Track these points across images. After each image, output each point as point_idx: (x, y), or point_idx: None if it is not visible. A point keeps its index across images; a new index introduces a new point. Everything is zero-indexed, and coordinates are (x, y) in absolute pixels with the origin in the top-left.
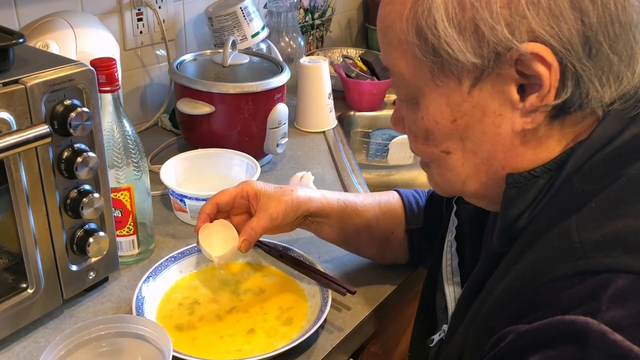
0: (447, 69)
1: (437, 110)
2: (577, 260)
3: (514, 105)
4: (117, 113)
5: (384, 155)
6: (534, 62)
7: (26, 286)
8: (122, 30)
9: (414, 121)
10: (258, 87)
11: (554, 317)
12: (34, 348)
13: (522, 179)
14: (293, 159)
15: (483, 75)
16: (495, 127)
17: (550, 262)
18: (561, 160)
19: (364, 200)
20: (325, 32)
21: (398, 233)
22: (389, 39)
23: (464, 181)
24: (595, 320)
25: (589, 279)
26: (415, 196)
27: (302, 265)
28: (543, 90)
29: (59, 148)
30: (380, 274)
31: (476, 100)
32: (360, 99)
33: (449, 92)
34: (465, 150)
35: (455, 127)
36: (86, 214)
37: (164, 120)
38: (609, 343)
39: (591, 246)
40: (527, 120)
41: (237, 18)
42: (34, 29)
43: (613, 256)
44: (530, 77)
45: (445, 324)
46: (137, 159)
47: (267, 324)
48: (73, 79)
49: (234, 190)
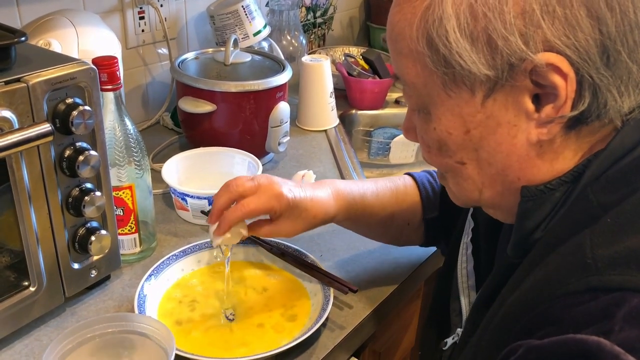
0: (460, 80)
1: (450, 121)
2: (590, 276)
3: (529, 116)
4: (118, 111)
5: (386, 154)
6: (550, 73)
7: (28, 284)
8: (124, 28)
9: (426, 131)
10: (260, 86)
11: (565, 335)
12: (36, 346)
13: (537, 192)
14: (295, 157)
15: (497, 87)
16: (510, 138)
17: (563, 277)
18: (577, 172)
19: (382, 197)
20: (327, 30)
21: (415, 221)
22: (399, 48)
23: (481, 190)
24: (608, 341)
25: (602, 296)
26: (430, 180)
27: (304, 264)
28: (559, 101)
29: (60, 146)
30: (382, 272)
31: (490, 111)
32: (362, 97)
33: (461, 103)
34: (479, 161)
35: (469, 137)
36: (88, 213)
37: (165, 119)
38: None
39: (604, 263)
40: (543, 131)
41: (238, 16)
42: (35, 28)
43: (627, 274)
44: (546, 87)
45: (459, 327)
46: (138, 157)
47: (272, 319)
48: (75, 78)
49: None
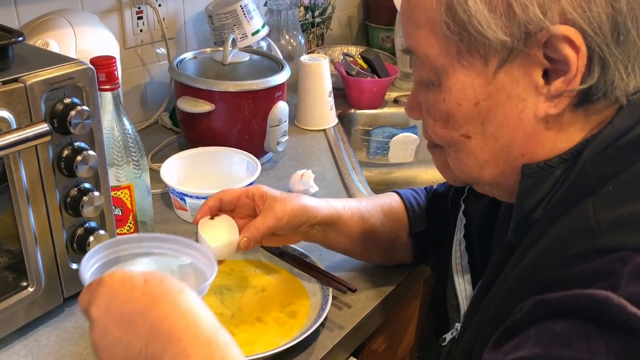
0: (474, 48)
1: (461, 91)
2: (594, 238)
3: (539, 90)
4: (117, 111)
5: (385, 153)
6: (563, 45)
7: (27, 285)
8: (122, 28)
9: (434, 104)
10: (258, 85)
11: (572, 290)
12: (34, 346)
13: (538, 169)
14: (293, 157)
15: (510, 57)
16: (518, 112)
17: (567, 242)
18: (577, 150)
19: (367, 205)
20: (325, 30)
21: (402, 236)
22: (415, 19)
23: (482, 167)
24: (615, 295)
25: (606, 256)
26: (415, 197)
27: (303, 264)
28: (569, 75)
29: (59, 146)
30: (381, 272)
31: (501, 83)
32: (360, 96)
33: (474, 73)
34: (485, 135)
35: (478, 110)
36: (86, 212)
37: (164, 119)
38: (629, 316)
39: (608, 225)
40: (551, 105)
41: (237, 16)
42: (33, 28)
43: (630, 235)
44: (557, 62)
45: (457, 322)
46: (137, 157)
47: (272, 318)
48: (73, 77)
49: (239, 190)
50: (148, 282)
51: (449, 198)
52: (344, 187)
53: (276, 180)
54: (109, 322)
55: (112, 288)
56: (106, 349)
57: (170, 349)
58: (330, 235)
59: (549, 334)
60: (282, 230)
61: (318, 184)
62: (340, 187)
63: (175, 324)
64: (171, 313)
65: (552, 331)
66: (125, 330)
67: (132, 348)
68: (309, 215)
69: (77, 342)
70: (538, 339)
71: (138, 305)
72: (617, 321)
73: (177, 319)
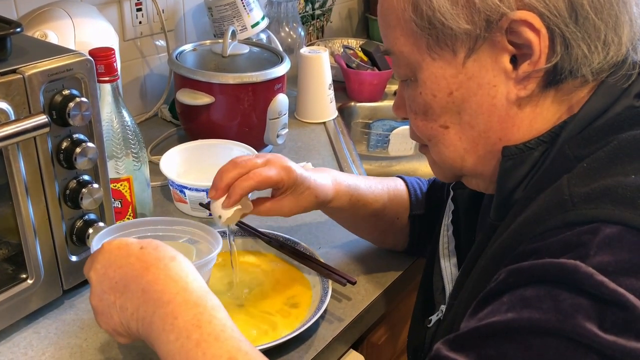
0: (442, 40)
1: (434, 83)
2: (567, 212)
3: (508, 75)
4: (116, 103)
5: (385, 146)
6: (524, 29)
7: (26, 277)
8: (121, 20)
9: (413, 98)
10: (258, 78)
11: (544, 259)
12: (34, 338)
13: (517, 151)
14: (293, 149)
15: (476, 45)
16: (490, 98)
17: (542, 216)
18: (555, 132)
19: (374, 190)
20: (325, 22)
21: (402, 218)
22: (388, 20)
23: (463, 156)
24: (584, 264)
25: (577, 228)
26: (419, 182)
27: (302, 256)
28: (534, 57)
29: (57, 138)
30: (381, 264)
31: (471, 72)
32: (360, 89)
33: (444, 64)
34: (462, 124)
35: (452, 99)
36: (85, 205)
37: (163, 111)
38: (597, 283)
39: (580, 198)
40: (521, 87)
41: (236, 8)
42: (32, 19)
43: (601, 207)
44: (522, 47)
45: (442, 304)
46: (136, 149)
47: (275, 309)
48: (71, 69)
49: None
50: (143, 249)
51: (445, 188)
52: None
53: None
54: (105, 286)
55: (110, 254)
56: (104, 313)
57: (160, 311)
58: (334, 212)
59: (521, 300)
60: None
61: None
62: None
63: (165, 288)
64: (162, 277)
65: (523, 296)
66: (120, 294)
67: (125, 310)
68: (318, 204)
69: (77, 334)
70: (510, 305)
71: (132, 270)
72: (585, 288)
73: (168, 283)
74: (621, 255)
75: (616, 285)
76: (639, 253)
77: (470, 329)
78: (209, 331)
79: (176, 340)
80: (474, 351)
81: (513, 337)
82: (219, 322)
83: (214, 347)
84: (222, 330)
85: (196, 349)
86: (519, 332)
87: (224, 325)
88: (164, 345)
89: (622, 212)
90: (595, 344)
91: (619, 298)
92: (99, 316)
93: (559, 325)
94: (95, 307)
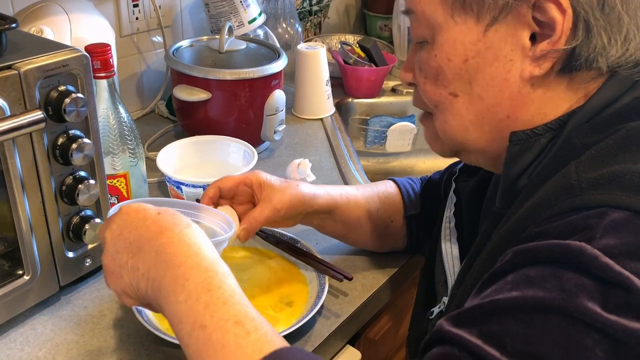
0: (469, 4)
1: (452, 47)
2: (575, 197)
3: (525, 52)
4: (112, 99)
5: (382, 143)
6: (550, 6)
7: (22, 273)
8: (118, 16)
9: (426, 60)
10: (255, 74)
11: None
12: (30, 335)
13: (524, 136)
14: (290, 146)
15: (501, 15)
16: (504, 72)
17: (549, 201)
18: (563, 120)
19: (364, 192)
20: (323, 18)
21: (397, 220)
22: None
23: (467, 128)
24: (589, 246)
25: (584, 212)
26: (411, 183)
27: (299, 252)
28: (555, 37)
29: (53, 134)
30: (378, 260)
31: (490, 42)
32: (358, 85)
33: (466, 29)
34: (472, 94)
35: (466, 67)
36: (82, 201)
37: (160, 107)
38: (601, 265)
39: (588, 184)
40: (535, 65)
41: (233, 4)
42: (27, 15)
43: (609, 193)
44: (544, 26)
45: (445, 296)
46: (133, 145)
47: (270, 305)
48: (67, 65)
49: (238, 177)
50: (160, 214)
51: (442, 184)
52: (341, 176)
53: (273, 170)
54: (119, 246)
55: (128, 215)
56: (114, 272)
57: (171, 272)
58: (326, 222)
59: (525, 279)
60: (280, 220)
61: (315, 173)
62: (337, 176)
63: (178, 251)
64: (176, 241)
65: (527, 276)
66: (132, 255)
67: (136, 271)
68: (306, 205)
69: (74, 331)
70: (515, 284)
71: (148, 232)
72: (590, 269)
73: (181, 247)
74: (627, 238)
75: (621, 268)
76: None
77: (473, 305)
78: (218, 295)
79: (185, 301)
80: (477, 327)
81: (516, 314)
82: (228, 288)
83: (222, 311)
84: (231, 295)
85: (204, 310)
86: (522, 309)
87: (233, 292)
88: (173, 305)
89: (629, 197)
90: (598, 322)
91: (623, 280)
92: (109, 275)
93: (562, 303)
94: (107, 266)
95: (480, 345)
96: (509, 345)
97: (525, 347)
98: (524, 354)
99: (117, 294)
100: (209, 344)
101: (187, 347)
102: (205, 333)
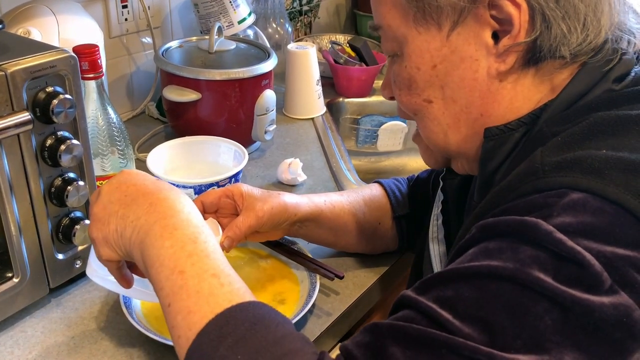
0: (429, 13)
1: (419, 56)
2: (538, 179)
3: (489, 50)
4: (101, 100)
5: (374, 142)
6: (505, 3)
7: (12, 275)
8: (107, 17)
9: (398, 72)
10: (245, 74)
11: (509, 217)
12: (20, 337)
13: (498, 132)
14: (281, 146)
15: (460, 18)
16: (472, 72)
17: (515, 185)
18: (535, 115)
19: (348, 197)
20: (313, 18)
21: (385, 222)
22: None
23: (446, 132)
24: (545, 222)
25: (546, 192)
26: (397, 184)
27: (290, 251)
28: (514, 31)
29: (41, 136)
30: (369, 258)
31: (454, 45)
32: (349, 85)
33: (429, 38)
34: (445, 98)
35: (436, 73)
36: (71, 202)
37: (150, 109)
38: (555, 240)
39: (551, 167)
40: (500, 61)
41: (223, 4)
42: (15, 16)
43: (570, 176)
44: (503, 22)
45: None
46: (122, 146)
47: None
48: (55, 66)
49: (219, 190)
50: (160, 181)
51: (430, 183)
52: (332, 175)
53: (264, 169)
54: (114, 197)
55: (129, 174)
56: (101, 219)
57: (162, 221)
58: (312, 230)
59: (484, 251)
60: (264, 228)
61: (306, 172)
62: (328, 176)
63: (173, 206)
64: (172, 199)
65: (486, 248)
66: (125, 205)
67: (125, 218)
68: (289, 213)
69: (64, 333)
70: (474, 255)
71: (145, 188)
72: (544, 244)
73: (176, 204)
74: (583, 218)
75: (574, 244)
76: (600, 218)
77: (433, 274)
78: (202, 248)
79: (170, 247)
80: (434, 293)
81: (470, 281)
82: (212, 245)
83: (203, 262)
84: (214, 251)
85: (187, 259)
86: (477, 276)
87: (216, 250)
88: (157, 249)
89: (589, 180)
90: (548, 291)
91: (575, 255)
92: (94, 223)
93: (515, 272)
94: (96, 214)
95: (435, 309)
96: (461, 309)
97: (476, 311)
98: (475, 317)
99: (96, 242)
100: (184, 289)
101: (162, 290)
102: (182, 278)
